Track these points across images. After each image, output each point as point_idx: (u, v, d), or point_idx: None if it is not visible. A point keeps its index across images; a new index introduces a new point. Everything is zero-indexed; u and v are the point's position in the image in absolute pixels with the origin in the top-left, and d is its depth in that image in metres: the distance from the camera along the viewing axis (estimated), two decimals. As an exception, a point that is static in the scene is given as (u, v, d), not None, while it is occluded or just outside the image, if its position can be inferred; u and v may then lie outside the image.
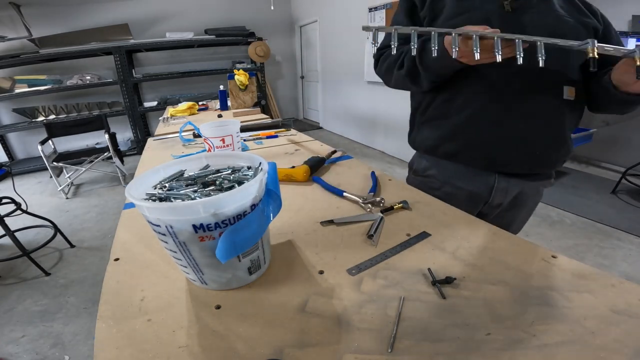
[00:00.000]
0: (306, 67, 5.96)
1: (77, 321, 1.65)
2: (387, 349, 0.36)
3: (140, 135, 4.68)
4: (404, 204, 0.67)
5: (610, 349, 0.34)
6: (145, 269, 0.52)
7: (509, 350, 0.35)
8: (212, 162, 0.54)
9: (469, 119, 0.76)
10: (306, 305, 0.42)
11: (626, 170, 2.65)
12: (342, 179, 0.83)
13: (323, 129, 5.71)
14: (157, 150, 1.28)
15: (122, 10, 4.56)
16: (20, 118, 4.31)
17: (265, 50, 4.84)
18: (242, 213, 0.40)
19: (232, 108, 2.27)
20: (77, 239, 2.44)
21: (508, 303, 0.41)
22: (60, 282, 1.97)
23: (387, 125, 3.98)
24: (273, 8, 4.84)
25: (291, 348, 0.36)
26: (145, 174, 0.48)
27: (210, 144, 0.89)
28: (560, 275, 0.46)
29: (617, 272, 1.80)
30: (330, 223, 0.62)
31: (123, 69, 4.29)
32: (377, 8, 3.59)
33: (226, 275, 0.44)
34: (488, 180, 0.80)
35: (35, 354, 1.46)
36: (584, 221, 2.33)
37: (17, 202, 2.08)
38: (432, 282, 0.45)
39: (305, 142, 1.22)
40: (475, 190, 0.82)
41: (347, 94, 4.68)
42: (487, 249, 0.52)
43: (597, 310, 0.39)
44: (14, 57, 3.90)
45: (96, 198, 3.25)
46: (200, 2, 5.02)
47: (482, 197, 0.82)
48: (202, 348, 0.37)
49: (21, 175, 4.15)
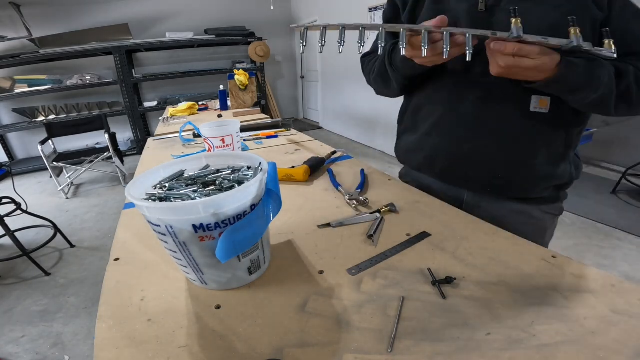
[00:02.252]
0: (306, 67, 5.95)
1: (77, 321, 1.65)
2: (387, 349, 0.36)
3: (140, 135, 4.68)
4: (391, 207, 0.66)
5: (610, 349, 0.34)
6: (145, 269, 0.52)
7: (509, 350, 0.35)
8: (212, 162, 0.54)
9: (430, 131, 0.73)
10: (306, 305, 0.42)
11: (626, 170, 2.65)
12: (341, 178, 0.83)
13: (323, 129, 5.71)
14: (157, 150, 1.28)
15: (122, 10, 4.56)
16: (20, 118, 4.31)
17: (265, 50, 4.84)
18: (242, 213, 0.40)
19: (232, 108, 2.27)
20: (77, 239, 2.44)
21: (508, 303, 0.41)
22: (60, 282, 1.97)
23: (387, 125, 3.98)
24: (273, 8, 4.84)
25: (291, 348, 0.36)
26: (145, 174, 0.48)
27: (210, 144, 0.89)
28: (560, 275, 0.46)
29: (617, 272, 1.80)
30: (327, 226, 0.61)
31: (123, 69, 4.29)
32: (377, 8, 3.60)
33: (226, 275, 0.44)
34: (459, 193, 0.76)
35: (35, 354, 1.46)
36: (584, 221, 2.33)
37: (17, 202, 2.08)
38: (432, 282, 0.45)
39: (305, 142, 1.22)
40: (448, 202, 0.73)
41: (347, 94, 4.68)
42: (487, 249, 0.52)
43: (597, 310, 0.39)
44: (14, 57, 3.90)
45: (96, 198, 3.25)
46: (200, 2, 5.02)
47: None
48: (202, 348, 0.37)
49: (21, 175, 4.16)
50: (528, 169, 0.67)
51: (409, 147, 0.81)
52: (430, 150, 0.75)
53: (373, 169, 0.88)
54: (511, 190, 0.70)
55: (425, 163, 0.78)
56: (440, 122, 0.71)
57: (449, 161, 0.72)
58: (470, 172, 0.71)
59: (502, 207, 0.72)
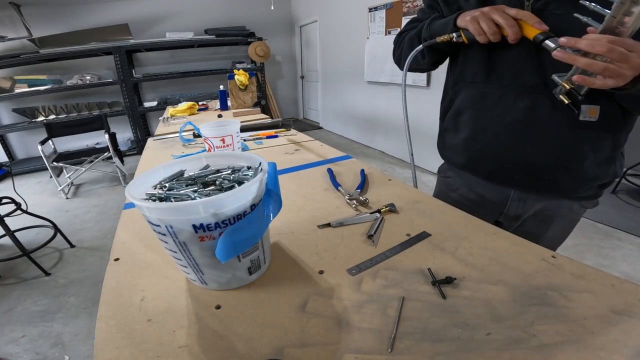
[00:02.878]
0: (306, 67, 5.96)
1: (77, 321, 1.65)
2: (387, 349, 0.36)
3: (140, 135, 4.68)
4: (391, 207, 0.66)
5: (610, 349, 0.34)
6: (145, 269, 0.52)
7: (509, 350, 0.35)
8: (212, 162, 0.54)
9: (475, 136, 0.74)
10: (306, 305, 0.42)
11: (626, 170, 2.65)
12: (341, 178, 0.83)
13: (323, 129, 5.71)
14: (157, 150, 1.28)
15: (122, 10, 4.56)
16: (20, 118, 4.31)
17: (265, 50, 4.84)
18: (242, 213, 0.40)
19: (232, 108, 2.27)
20: (77, 239, 2.44)
21: (508, 303, 0.41)
22: (60, 282, 1.97)
23: (387, 125, 3.98)
24: (273, 8, 4.84)
25: (291, 348, 0.36)
26: (145, 174, 0.48)
27: (210, 144, 0.89)
28: (560, 275, 0.46)
29: (617, 272, 1.80)
30: (327, 226, 0.61)
31: (123, 69, 4.29)
32: (377, 8, 3.59)
33: (226, 275, 0.44)
34: (504, 191, 0.77)
35: (35, 354, 1.46)
36: (584, 221, 2.33)
37: (17, 202, 2.08)
38: (432, 282, 0.45)
39: (305, 142, 1.22)
40: (490, 197, 0.79)
41: (347, 94, 4.68)
42: (487, 249, 0.52)
43: (597, 310, 0.39)
44: (14, 57, 3.90)
45: (96, 198, 3.25)
46: (200, 2, 5.02)
47: (497, 206, 0.80)
48: (202, 348, 0.37)
49: (21, 175, 4.15)
50: (576, 173, 0.67)
51: (452, 148, 0.82)
52: (475, 154, 0.76)
53: (373, 169, 0.88)
54: (559, 190, 0.72)
55: (469, 164, 0.79)
56: (487, 128, 0.72)
57: (495, 165, 0.73)
58: (516, 175, 0.72)
59: (548, 203, 0.74)
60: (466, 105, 0.76)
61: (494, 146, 0.72)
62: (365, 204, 0.69)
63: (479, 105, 0.73)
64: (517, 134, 0.68)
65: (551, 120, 0.64)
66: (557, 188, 0.71)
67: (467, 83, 0.75)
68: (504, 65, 0.67)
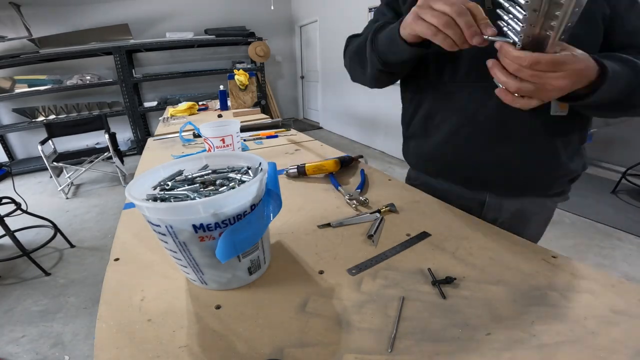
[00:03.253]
0: (306, 67, 5.96)
1: (77, 321, 1.65)
2: (387, 349, 0.36)
3: (140, 135, 4.68)
4: (391, 207, 0.66)
5: (610, 349, 0.34)
6: (145, 269, 0.52)
7: (509, 350, 0.35)
8: (212, 162, 0.54)
9: (445, 140, 0.72)
10: (306, 305, 0.42)
11: (626, 170, 2.65)
12: (341, 178, 0.83)
13: (323, 129, 5.71)
14: (157, 150, 1.28)
15: (122, 10, 4.56)
16: (20, 118, 4.31)
17: (265, 50, 4.84)
18: (242, 213, 0.40)
19: (232, 108, 2.27)
20: (77, 239, 2.44)
21: (508, 303, 0.41)
22: (60, 282, 1.97)
23: (387, 126, 3.98)
24: (273, 8, 4.84)
25: (291, 348, 0.36)
26: (145, 174, 0.48)
27: (210, 144, 0.89)
28: (560, 275, 0.46)
29: (617, 272, 1.80)
30: (327, 226, 0.61)
31: (123, 69, 4.29)
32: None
33: (226, 275, 0.44)
34: (478, 196, 0.75)
35: (35, 354, 1.46)
36: (583, 221, 2.33)
37: (17, 202, 2.08)
38: (432, 282, 0.45)
39: (305, 142, 1.22)
40: (465, 204, 0.73)
41: (347, 94, 4.68)
42: (487, 249, 0.52)
43: (597, 310, 0.39)
44: (14, 57, 3.90)
45: (96, 198, 3.25)
46: (200, 2, 5.02)
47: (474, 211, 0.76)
48: (202, 348, 0.37)
49: (21, 175, 4.16)
50: (550, 169, 0.68)
51: (423, 155, 0.79)
52: (450, 158, 0.73)
53: (373, 169, 0.89)
54: (535, 189, 0.72)
55: (445, 171, 0.76)
56: (459, 130, 0.70)
57: (471, 169, 0.72)
58: (492, 177, 0.71)
59: (526, 202, 0.74)
60: (436, 107, 0.73)
61: (469, 149, 0.70)
62: (365, 204, 0.69)
63: (448, 106, 0.70)
64: (492, 133, 0.66)
65: (522, 118, 0.62)
66: (533, 187, 0.71)
67: (432, 84, 0.71)
68: (468, 62, 0.63)
